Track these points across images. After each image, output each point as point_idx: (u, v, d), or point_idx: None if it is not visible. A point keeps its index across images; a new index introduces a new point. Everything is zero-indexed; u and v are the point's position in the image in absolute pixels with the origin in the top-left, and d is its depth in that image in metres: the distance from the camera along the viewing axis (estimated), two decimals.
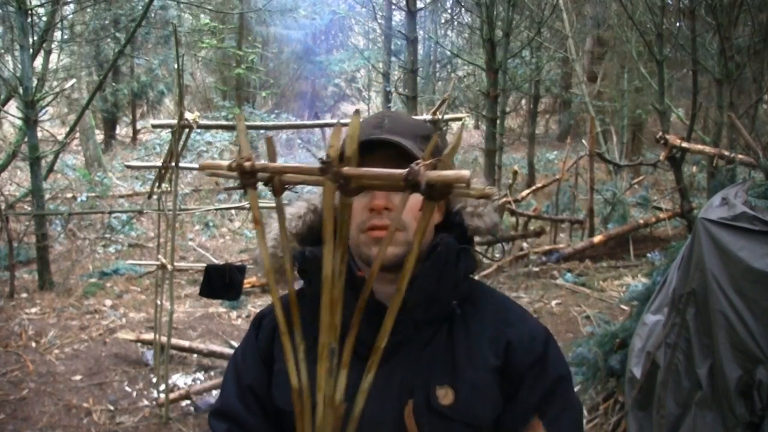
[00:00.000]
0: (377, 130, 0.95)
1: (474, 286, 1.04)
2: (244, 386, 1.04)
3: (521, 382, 0.97)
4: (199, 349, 4.56)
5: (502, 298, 1.07)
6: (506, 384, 0.97)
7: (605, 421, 2.87)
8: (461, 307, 0.99)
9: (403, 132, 0.95)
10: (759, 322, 1.96)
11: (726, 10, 6.08)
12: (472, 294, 1.02)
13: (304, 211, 1.04)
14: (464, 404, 0.93)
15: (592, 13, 13.46)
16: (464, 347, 0.97)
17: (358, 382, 0.93)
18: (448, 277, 0.96)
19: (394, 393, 0.93)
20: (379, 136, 0.92)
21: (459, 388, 0.93)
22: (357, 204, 0.94)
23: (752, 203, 2.11)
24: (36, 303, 5.68)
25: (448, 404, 0.92)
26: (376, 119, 0.98)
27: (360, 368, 0.94)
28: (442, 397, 0.93)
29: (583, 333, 4.66)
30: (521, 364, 0.97)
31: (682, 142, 5.20)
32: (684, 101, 12.50)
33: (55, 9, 6.95)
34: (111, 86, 13.64)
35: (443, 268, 0.95)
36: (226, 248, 8.57)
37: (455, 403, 0.93)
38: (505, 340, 0.98)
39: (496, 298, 1.06)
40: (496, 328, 0.99)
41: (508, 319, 1.01)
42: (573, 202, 9.21)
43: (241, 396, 1.03)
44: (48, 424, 3.67)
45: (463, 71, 15.65)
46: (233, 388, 1.05)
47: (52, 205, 8.58)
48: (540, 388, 0.97)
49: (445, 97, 4.87)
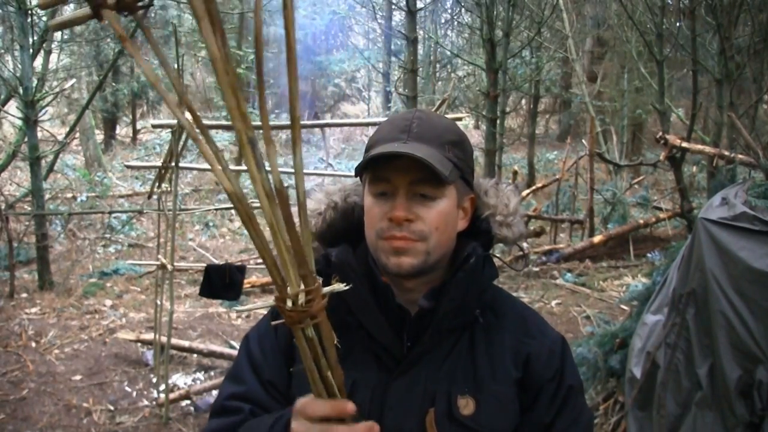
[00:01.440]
0: (404, 135, 0.91)
1: (495, 294, 1.03)
2: (265, 381, 0.99)
3: (538, 395, 0.97)
4: (199, 349, 4.56)
5: (521, 307, 1.06)
6: (524, 396, 0.97)
7: (605, 421, 2.87)
8: (483, 315, 0.99)
9: (431, 138, 0.92)
10: (759, 322, 1.96)
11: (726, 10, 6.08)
12: (493, 302, 1.01)
13: (324, 207, 1.01)
14: (484, 415, 0.93)
15: (592, 13, 13.46)
16: (486, 358, 0.97)
17: (383, 388, 0.93)
18: (476, 287, 0.95)
19: (417, 401, 0.93)
20: (398, 151, 0.87)
21: (480, 399, 0.93)
22: (378, 209, 0.92)
23: (752, 203, 2.11)
24: (36, 303, 5.68)
25: (469, 414, 0.92)
26: (405, 121, 0.94)
27: (385, 374, 0.94)
28: (463, 407, 0.92)
29: (583, 333, 4.66)
30: (540, 378, 0.97)
31: (682, 142, 5.20)
32: (684, 101, 12.51)
33: (55, 9, 6.95)
34: (111, 86, 13.64)
35: (473, 278, 0.94)
36: (226, 248, 8.57)
37: (476, 414, 0.92)
38: (525, 352, 0.98)
39: (516, 307, 1.05)
40: (516, 339, 0.99)
41: (528, 330, 1.01)
42: (573, 202, 9.22)
43: (263, 386, 0.99)
44: (48, 424, 3.67)
45: (463, 71, 15.66)
46: (252, 378, 0.99)
47: (52, 205, 8.58)
48: (556, 402, 0.97)
49: (445, 97, 4.87)
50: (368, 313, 0.93)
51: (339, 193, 1.03)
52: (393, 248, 0.91)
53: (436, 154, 0.89)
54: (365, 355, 0.94)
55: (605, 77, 13.60)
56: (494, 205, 1.01)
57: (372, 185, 0.93)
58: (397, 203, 0.90)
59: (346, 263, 0.93)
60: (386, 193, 0.92)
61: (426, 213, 0.90)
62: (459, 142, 0.95)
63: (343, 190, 1.04)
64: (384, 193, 0.92)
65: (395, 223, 0.90)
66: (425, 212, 0.90)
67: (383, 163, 0.90)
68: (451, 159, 0.92)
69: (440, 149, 0.91)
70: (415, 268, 0.91)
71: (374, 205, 0.93)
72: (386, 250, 0.92)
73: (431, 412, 0.91)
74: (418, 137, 0.91)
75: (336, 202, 1.02)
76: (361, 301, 0.93)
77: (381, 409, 0.92)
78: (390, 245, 0.91)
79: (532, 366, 0.97)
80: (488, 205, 1.01)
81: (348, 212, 1.02)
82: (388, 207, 0.91)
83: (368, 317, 0.93)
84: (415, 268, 0.91)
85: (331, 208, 1.01)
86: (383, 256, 0.92)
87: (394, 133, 0.93)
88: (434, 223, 0.91)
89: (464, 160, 0.95)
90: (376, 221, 0.92)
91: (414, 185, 0.90)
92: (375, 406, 0.92)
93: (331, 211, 1.01)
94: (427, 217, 0.90)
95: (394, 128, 0.94)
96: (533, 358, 0.97)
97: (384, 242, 0.92)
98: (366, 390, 0.91)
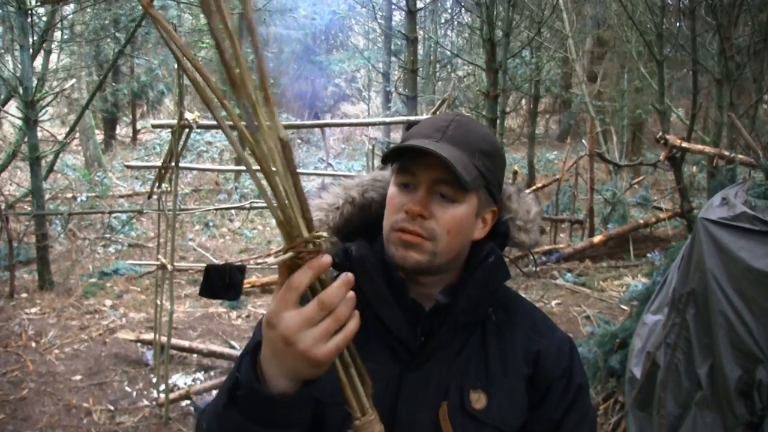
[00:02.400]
0: (438, 135, 0.93)
1: (506, 293, 1.05)
2: None
3: (548, 392, 0.99)
4: (199, 349, 4.56)
5: (530, 307, 1.08)
6: (533, 392, 0.99)
7: (605, 421, 2.87)
8: (495, 313, 1.01)
9: (462, 143, 0.93)
10: (759, 322, 1.96)
11: (726, 10, 6.08)
12: (505, 301, 1.04)
13: (342, 202, 1.02)
14: (496, 409, 0.95)
15: (592, 13, 13.46)
16: (498, 354, 0.98)
17: (398, 381, 0.95)
18: (491, 285, 0.98)
19: (431, 395, 0.94)
20: (426, 147, 0.89)
21: (492, 394, 0.95)
22: (398, 200, 0.94)
23: (752, 203, 2.11)
24: (36, 303, 5.68)
25: (481, 408, 0.94)
26: (444, 122, 0.96)
27: (399, 367, 0.95)
28: (475, 401, 0.94)
29: (583, 333, 4.66)
30: (549, 375, 0.99)
31: (682, 142, 5.20)
32: (684, 101, 12.50)
33: (55, 9, 6.95)
34: (111, 86, 13.63)
35: (491, 276, 0.96)
36: (226, 248, 8.57)
37: (487, 408, 0.94)
38: (535, 350, 1.00)
39: (525, 306, 1.07)
40: (527, 336, 1.01)
41: (538, 328, 1.03)
42: (573, 202, 9.22)
43: None
44: (48, 424, 3.67)
45: (463, 71, 15.65)
46: None
47: (52, 205, 8.58)
48: (566, 399, 0.99)
49: (445, 97, 4.87)
50: (386, 307, 0.94)
51: (356, 188, 1.04)
52: (402, 240, 0.92)
53: (463, 159, 0.90)
54: (381, 346, 0.96)
55: (605, 77, 13.61)
56: (516, 209, 1.04)
57: (398, 175, 0.95)
58: (416, 197, 0.92)
59: (365, 257, 0.94)
60: (409, 185, 0.93)
61: (441, 213, 0.92)
62: (491, 153, 0.96)
63: (360, 185, 1.05)
64: (407, 185, 0.94)
65: (410, 216, 0.91)
66: (441, 212, 0.92)
67: (412, 156, 0.92)
68: (479, 167, 0.93)
69: (469, 155, 0.92)
70: (419, 264, 0.93)
71: (396, 196, 0.95)
72: (395, 242, 0.93)
73: (444, 406, 0.93)
74: (451, 139, 0.93)
75: (353, 197, 1.03)
76: (379, 294, 0.94)
77: (395, 401, 0.94)
78: (399, 237, 0.92)
79: (542, 363, 0.99)
80: (510, 209, 1.04)
81: (365, 207, 1.04)
82: (408, 199, 0.93)
83: (385, 311, 0.94)
84: (419, 265, 0.93)
85: (348, 203, 1.02)
86: (392, 247, 0.94)
87: (430, 130, 0.94)
88: (447, 225, 0.92)
89: (492, 171, 0.96)
90: (394, 211, 0.94)
91: (437, 184, 0.91)
92: (389, 398, 0.93)
93: (349, 206, 1.02)
94: (442, 218, 0.92)
95: (432, 126, 0.95)
96: (543, 356, 1.00)
97: (395, 233, 0.93)
98: (381, 382, 0.91)
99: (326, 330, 0.71)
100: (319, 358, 0.71)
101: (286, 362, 0.72)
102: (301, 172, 10.65)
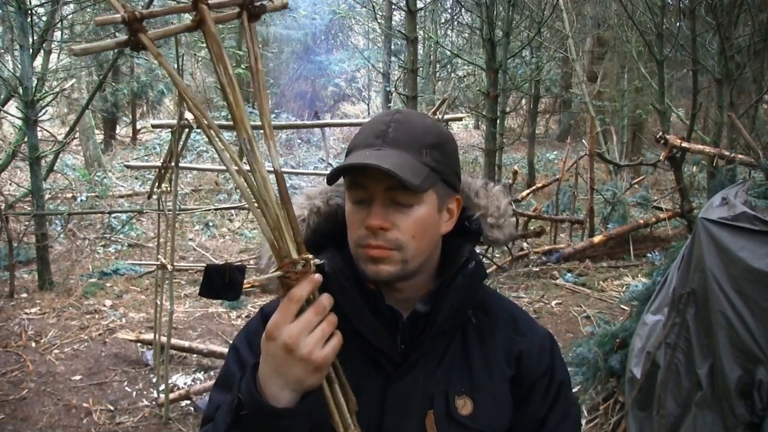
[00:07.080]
0: (378, 141, 0.89)
1: (485, 293, 1.04)
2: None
3: (531, 391, 0.98)
4: (198, 349, 4.56)
5: (509, 305, 1.07)
6: (517, 392, 0.98)
7: (605, 421, 2.87)
8: (475, 315, 1.00)
9: (406, 143, 0.89)
10: (759, 322, 1.96)
11: (726, 10, 6.08)
12: (483, 301, 1.02)
13: (307, 213, 0.98)
14: (482, 414, 0.94)
15: (592, 13, 13.46)
16: (480, 357, 0.97)
17: (382, 392, 0.93)
18: (472, 290, 0.96)
19: (416, 404, 0.93)
20: (365, 162, 0.85)
21: (477, 398, 0.94)
22: (356, 217, 0.91)
23: (752, 203, 2.11)
24: (36, 303, 5.68)
25: (467, 414, 0.93)
26: (383, 124, 0.92)
27: (382, 378, 0.94)
28: (461, 407, 0.93)
29: (583, 333, 4.66)
30: (533, 374, 0.98)
31: (682, 142, 5.21)
32: (684, 101, 12.51)
33: (55, 9, 6.95)
34: (111, 86, 13.63)
35: (472, 282, 0.95)
36: (226, 248, 8.57)
37: (474, 413, 0.93)
38: (517, 350, 0.99)
39: (504, 305, 1.06)
40: (508, 337, 1.00)
41: (518, 328, 1.02)
42: (573, 202, 9.21)
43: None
44: (48, 424, 3.67)
45: (463, 71, 15.66)
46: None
47: (52, 205, 8.58)
48: (549, 397, 0.99)
49: (445, 97, 4.87)
50: (363, 319, 0.92)
51: (320, 196, 1.02)
52: (369, 256, 0.90)
53: (410, 161, 0.88)
54: (363, 359, 0.94)
55: (605, 77, 13.60)
56: (485, 206, 1.01)
57: (350, 191, 0.92)
58: (372, 211, 0.89)
59: (338, 271, 0.92)
60: (364, 200, 0.90)
61: (402, 221, 0.89)
62: (439, 145, 0.92)
63: (324, 192, 1.02)
64: (362, 201, 0.91)
65: (371, 232, 0.89)
66: (401, 220, 0.89)
67: (358, 170, 0.89)
68: (428, 163, 0.89)
69: (416, 154, 0.89)
70: (392, 275, 0.91)
71: (353, 212, 0.92)
72: (364, 258, 0.91)
73: (430, 414, 0.92)
74: (393, 142, 0.89)
75: (319, 206, 1.00)
76: (356, 307, 0.92)
77: (381, 412, 0.93)
78: (366, 253, 0.90)
79: (525, 363, 0.98)
80: (479, 206, 1.01)
81: (331, 216, 1.01)
82: (365, 213, 0.90)
83: (363, 323, 0.92)
84: (393, 276, 0.91)
85: (314, 213, 0.99)
86: (362, 263, 0.92)
87: (369, 138, 0.91)
88: (410, 231, 0.89)
89: (444, 162, 0.93)
90: (355, 228, 0.91)
91: (390, 192, 0.88)
92: (375, 410, 0.92)
93: (315, 216, 0.99)
94: (403, 225, 0.89)
95: (371, 133, 0.92)
96: (525, 355, 0.99)
97: (361, 250, 0.91)
98: (365, 394, 0.91)
99: (323, 333, 0.77)
100: (320, 361, 0.76)
101: (288, 373, 0.77)
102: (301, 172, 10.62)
